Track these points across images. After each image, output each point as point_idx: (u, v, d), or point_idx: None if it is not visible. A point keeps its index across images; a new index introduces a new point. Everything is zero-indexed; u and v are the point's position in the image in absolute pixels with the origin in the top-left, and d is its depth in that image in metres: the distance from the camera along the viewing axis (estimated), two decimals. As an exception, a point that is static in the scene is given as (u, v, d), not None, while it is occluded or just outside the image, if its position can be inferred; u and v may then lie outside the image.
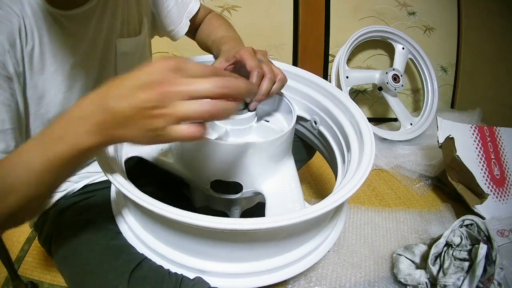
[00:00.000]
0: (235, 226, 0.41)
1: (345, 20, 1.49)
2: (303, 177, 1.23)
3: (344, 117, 0.65)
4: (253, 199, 0.71)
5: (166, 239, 0.52)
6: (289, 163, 0.62)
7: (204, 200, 0.69)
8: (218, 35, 0.72)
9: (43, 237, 0.67)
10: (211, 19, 0.80)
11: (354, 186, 0.48)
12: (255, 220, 0.42)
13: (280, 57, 1.47)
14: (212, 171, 0.57)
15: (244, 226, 0.42)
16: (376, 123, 1.52)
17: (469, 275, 0.75)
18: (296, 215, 0.43)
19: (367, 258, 0.91)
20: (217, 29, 0.76)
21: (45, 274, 0.85)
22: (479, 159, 1.10)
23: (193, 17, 0.77)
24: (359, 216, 1.05)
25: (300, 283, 0.83)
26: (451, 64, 1.67)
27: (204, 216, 0.42)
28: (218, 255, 0.50)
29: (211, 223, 0.41)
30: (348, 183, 0.49)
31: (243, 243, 0.49)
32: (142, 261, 0.52)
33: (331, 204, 0.45)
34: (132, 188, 0.46)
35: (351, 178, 0.51)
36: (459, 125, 1.14)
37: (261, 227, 0.42)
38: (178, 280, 0.50)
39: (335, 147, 0.67)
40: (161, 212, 0.41)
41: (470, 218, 0.85)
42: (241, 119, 0.58)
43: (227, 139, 0.58)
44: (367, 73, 1.51)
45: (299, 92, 0.72)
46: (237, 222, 0.42)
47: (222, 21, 0.79)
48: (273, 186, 0.58)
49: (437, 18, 1.59)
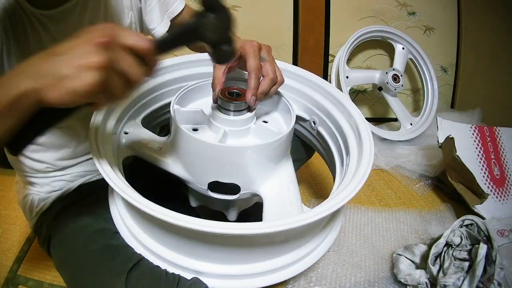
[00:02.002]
0: (231, 231, 0.41)
1: (345, 20, 1.49)
2: (302, 177, 1.23)
3: (343, 119, 0.64)
4: (250, 200, 0.71)
5: (163, 239, 0.52)
6: (287, 165, 0.61)
7: (202, 199, 0.69)
8: None
9: (42, 238, 0.67)
10: None
11: (353, 190, 0.48)
12: (251, 225, 0.42)
13: (280, 57, 1.47)
14: (210, 172, 0.57)
15: (240, 231, 0.41)
16: (376, 123, 1.52)
17: (469, 275, 0.75)
18: (294, 220, 0.43)
19: (367, 258, 0.91)
20: None
21: (45, 274, 0.85)
22: (479, 159, 1.10)
23: (177, 18, 0.76)
24: (359, 216, 1.05)
25: (300, 283, 0.83)
26: (451, 64, 1.67)
27: (199, 219, 0.41)
28: (215, 257, 0.50)
29: (206, 227, 0.40)
30: (347, 186, 0.49)
31: (241, 246, 0.49)
32: (139, 261, 0.52)
33: (329, 209, 0.45)
34: (128, 190, 0.45)
35: (350, 181, 0.50)
36: (459, 125, 1.14)
37: (258, 232, 0.42)
38: (175, 280, 0.50)
39: (333, 148, 0.66)
40: (156, 215, 0.41)
41: (470, 218, 0.85)
42: (240, 120, 0.58)
43: (226, 140, 0.58)
44: (367, 73, 1.51)
45: (299, 92, 0.71)
46: (233, 227, 0.42)
47: None
48: (271, 188, 0.58)
49: (437, 18, 1.59)
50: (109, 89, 0.36)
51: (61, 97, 0.34)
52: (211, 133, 0.59)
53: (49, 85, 0.34)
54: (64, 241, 0.59)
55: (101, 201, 0.62)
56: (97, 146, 0.52)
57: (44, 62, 0.34)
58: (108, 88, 0.36)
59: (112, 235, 0.56)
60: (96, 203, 0.63)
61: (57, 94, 0.34)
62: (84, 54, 0.34)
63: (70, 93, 0.33)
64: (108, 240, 0.56)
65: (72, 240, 0.58)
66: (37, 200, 0.68)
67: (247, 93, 0.56)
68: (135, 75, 0.37)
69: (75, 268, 0.56)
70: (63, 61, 0.34)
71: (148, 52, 0.38)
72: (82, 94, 0.34)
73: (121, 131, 0.63)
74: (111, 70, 0.35)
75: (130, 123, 0.65)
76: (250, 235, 0.42)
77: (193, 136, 0.54)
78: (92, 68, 0.33)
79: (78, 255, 0.56)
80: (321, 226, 0.57)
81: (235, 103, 0.56)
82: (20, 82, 0.34)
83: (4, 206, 1.07)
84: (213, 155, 0.54)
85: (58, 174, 0.67)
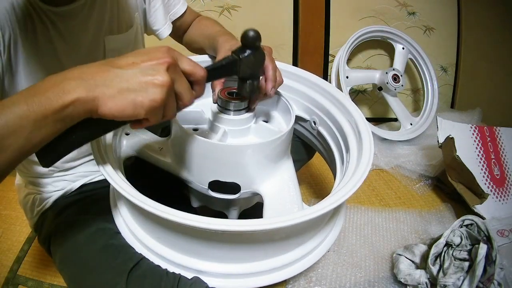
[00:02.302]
0: (231, 227, 0.41)
1: (345, 20, 1.49)
2: (303, 177, 1.23)
3: (343, 118, 0.65)
4: (251, 200, 0.71)
5: (164, 239, 0.52)
6: (287, 164, 0.62)
7: (203, 200, 0.69)
8: (212, 30, 0.73)
9: (42, 237, 0.67)
10: (200, 20, 0.81)
11: (353, 187, 0.48)
12: (252, 221, 0.42)
13: (280, 57, 1.47)
14: (210, 171, 0.57)
15: (240, 228, 0.41)
16: (376, 123, 1.52)
17: (469, 275, 0.75)
18: (294, 216, 0.43)
19: (367, 258, 0.91)
20: (210, 26, 0.76)
21: (45, 274, 0.85)
22: (479, 159, 1.10)
23: (179, 20, 0.78)
24: (359, 216, 1.05)
25: (300, 283, 0.83)
26: (451, 64, 1.67)
27: (198, 216, 0.41)
28: (216, 256, 0.50)
29: (205, 224, 0.41)
30: (347, 184, 0.49)
31: (241, 244, 0.49)
32: (140, 261, 0.52)
33: (329, 206, 0.45)
34: (127, 187, 0.46)
35: (349, 178, 0.50)
36: (459, 125, 1.14)
37: (258, 228, 0.42)
38: (176, 279, 0.50)
39: (334, 147, 0.66)
40: (157, 213, 0.41)
41: (470, 218, 0.85)
42: (240, 119, 0.58)
43: (226, 139, 0.58)
44: (367, 73, 1.51)
45: (298, 92, 0.72)
46: (232, 223, 0.42)
47: (213, 20, 0.80)
48: (271, 187, 0.58)
49: (437, 18, 1.59)
50: (165, 108, 0.38)
51: (119, 109, 0.35)
52: (211, 133, 0.59)
53: (107, 96, 0.34)
54: (65, 240, 0.59)
55: (103, 201, 0.62)
56: (98, 146, 0.52)
57: (101, 73, 0.35)
58: (165, 108, 0.38)
59: (113, 235, 0.56)
60: (97, 203, 0.63)
61: (116, 105, 0.34)
62: (152, 71, 0.36)
63: (135, 106, 0.35)
64: (109, 240, 0.56)
65: (73, 239, 0.58)
66: (38, 199, 0.68)
67: (267, 84, 0.57)
68: (187, 98, 0.40)
69: (75, 267, 0.56)
70: (130, 75, 0.35)
71: (202, 79, 0.41)
72: (146, 108, 0.35)
73: (122, 132, 0.63)
74: (171, 91, 0.37)
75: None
76: (250, 231, 0.42)
77: (194, 135, 0.54)
78: (158, 85, 0.35)
79: (79, 254, 0.56)
80: (322, 224, 0.57)
81: (235, 103, 0.57)
82: (72, 89, 0.33)
83: (4, 206, 1.08)
84: (213, 154, 0.54)
85: (60, 174, 0.68)
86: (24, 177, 0.70)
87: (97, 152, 0.51)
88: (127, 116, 0.35)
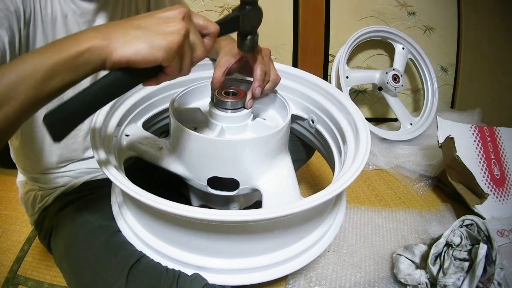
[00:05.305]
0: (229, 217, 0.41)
1: (345, 20, 1.49)
2: (302, 177, 1.23)
3: (339, 113, 0.65)
4: (251, 197, 0.71)
5: (164, 235, 0.52)
6: (285, 160, 0.62)
7: (203, 199, 0.69)
8: None
9: (43, 234, 0.67)
10: None
11: (351, 176, 0.48)
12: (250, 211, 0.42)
13: (280, 57, 1.47)
14: (209, 168, 0.57)
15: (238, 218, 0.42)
16: (376, 123, 1.52)
17: (469, 275, 0.75)
18: (293, 205, 0.43)
19: (367, 258, 0.91)
20: None
21: (45, 274, 0.85)
22: (479, 159, 1.10)
23: None
24: (359, 216, 1.05)
25: (300, 283, 0.83)
26: (451, 64, 1.67)
27: (197, 208, 0.42)
28: (215, 251, 0.51)
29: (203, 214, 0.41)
30: (345, 174, 0.49)
31: (240, 237, 0.49)
32: (140, 258, 0.52)
33: (328, 194, 0.45)
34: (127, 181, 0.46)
35: (348, 169, 0.51)
36: (459, 125, 1.14)
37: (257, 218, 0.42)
38: (175, 276, 0.50)
39: (332, 143, 0.67)
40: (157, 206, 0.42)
41: (470, 218, 0.85)
42: (237, 116, 0.59)
43: (224, 136, 0.59)
44: (367, 73, 1.51)
45: (296, 92, 0.72)
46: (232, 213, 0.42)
47: None
48: (269, 183, 0.58)
49: (437, 18, 1.59)
50: (181, 58, 0.39)
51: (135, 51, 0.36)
52: (209, 130, 0.60)
53: (123, 41, 0.35)
54: (66, 236, 0.59)
55: (104, 199, 0.62)
56: (99, 146, 0.52)
57: (118, 24, 0.37)
58: (181, 57, 0.39)
59: (113, 233, 0.57)
60: (98, 200, 0.63)
61: (131, 47, 0.35)
62: (168, 19, 0.38)
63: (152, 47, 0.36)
64: (110, 237, 0.56)
65: (74, 236, 0.58)
66: (40, 196, 0.68)
67: (253, 83, 0.58)
68: (201, 50, 0.42)
69: (75, 264, 0.56)
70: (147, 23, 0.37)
71: (216, 32, 0.44)
72: (164, 49, 0.36)
73: (122, 134, 0.64)
74: (187, 39, 0.39)
75: (131, 126, 0.66)
76: (248, 221, 0.42)
77: (192, 131, 0.54)
78: (175, 31, 0.37)
79: (79, 251, 0.56)
80: (323, 217, 0.57)
81: (232, 101, 0.58)
82: (89, 38, 0.35)
83: (4, 206, 1.08)
84: (212, 150, 0.55)
85: (63, 170, 0.68)
86: (26, 175, 0.70)
87: (96, 150, 0.51)
88: (143, 58, 0.36)
